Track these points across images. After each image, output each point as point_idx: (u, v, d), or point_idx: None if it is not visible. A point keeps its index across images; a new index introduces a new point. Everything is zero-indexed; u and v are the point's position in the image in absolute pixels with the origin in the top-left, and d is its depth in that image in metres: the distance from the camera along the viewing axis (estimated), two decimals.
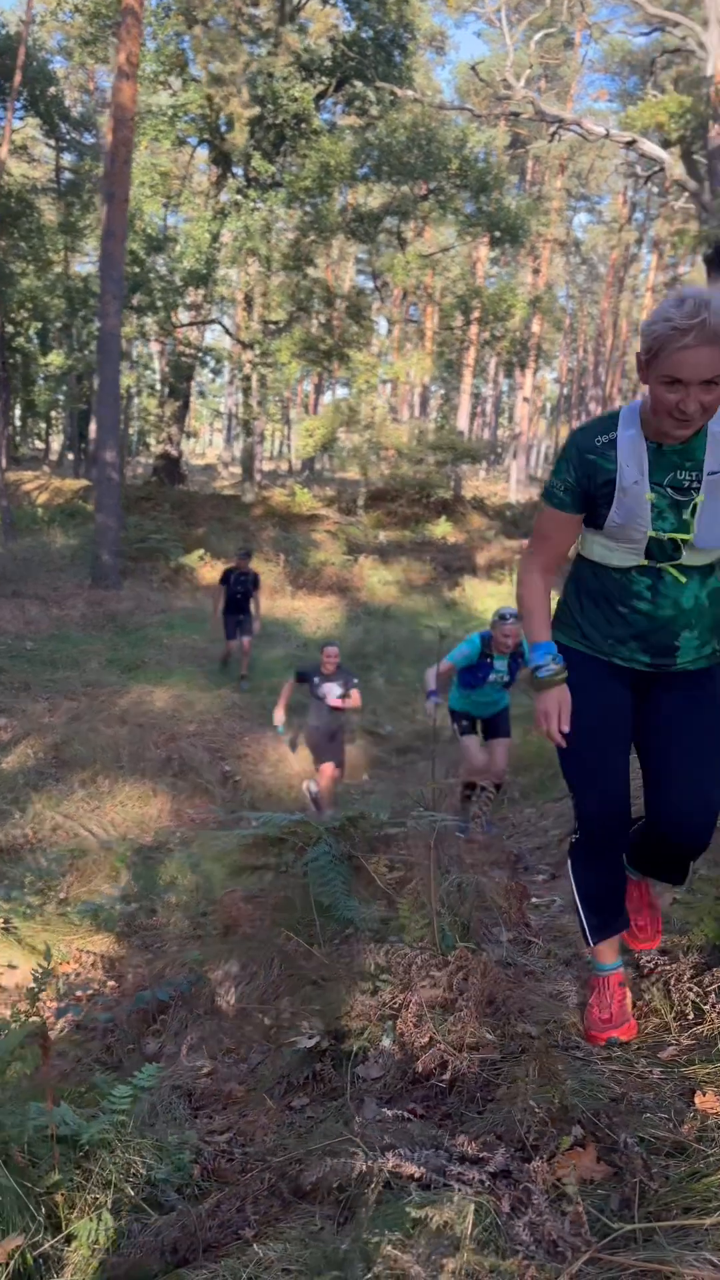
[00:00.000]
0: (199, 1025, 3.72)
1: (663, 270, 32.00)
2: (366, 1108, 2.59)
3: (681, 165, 18.49)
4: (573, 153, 29.70)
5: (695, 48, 18.58)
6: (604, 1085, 2.23)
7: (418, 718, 10.49)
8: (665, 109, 17.68)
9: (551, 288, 30.54)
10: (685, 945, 2.81)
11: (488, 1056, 2.57)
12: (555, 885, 4.11)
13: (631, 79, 27.62)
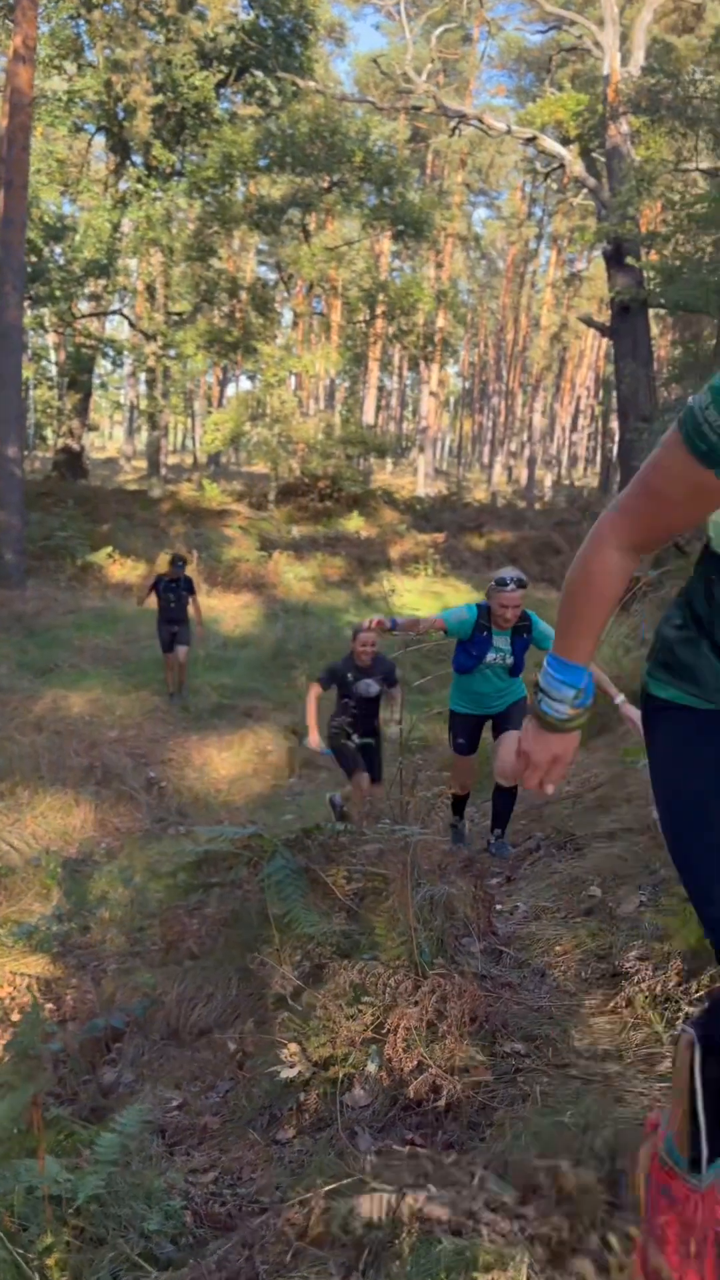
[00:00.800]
0: (158, 1052, 3.59)
1: (562, 266, 32.63)
2: (360, 1139, 2.52)
3: (580, 162, 18.83)
4: (472, 148, 29.98)
5: (591, 46, 18.92)
6: (607, 1107, 2.22)
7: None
8: (564, 106, 17.96)
9: (455, 282, 30.81)
10: (665, 952, 2.83)
11: (480, 1079, 2.54)
12: (513, 888, 4.12)
13: (529, 76, 28.04)
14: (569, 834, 4.39)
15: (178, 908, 4.27)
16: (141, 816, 7.81)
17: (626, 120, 16.63)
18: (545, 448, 37.05)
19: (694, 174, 15.92)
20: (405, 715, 4.31)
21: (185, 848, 4.85)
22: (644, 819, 4.19)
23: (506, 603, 4.56)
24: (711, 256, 13.78)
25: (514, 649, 4.77)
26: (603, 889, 3.61)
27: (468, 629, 4.73)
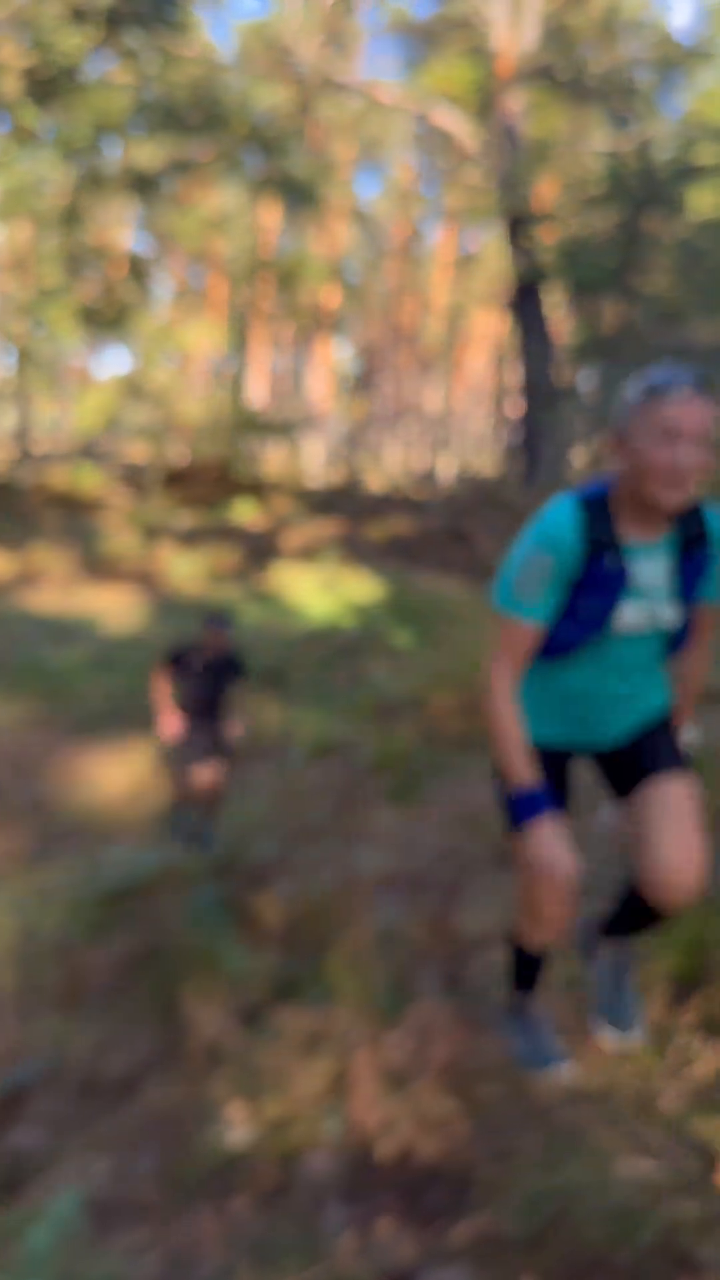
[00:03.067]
0: (76, 1111, 3.20)
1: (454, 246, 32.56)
2: (329, 1211, 2.22)
3: (471, 138, 18.65)
4: (360, 120, 29.55)
5: (480, 21, 18.73)
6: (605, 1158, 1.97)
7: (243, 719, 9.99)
8: (455, 80, 17.76)
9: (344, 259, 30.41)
10: (648, 976, 2.60)
11: (459, 1132, 2.27)
12: (458, 909, 3.85)
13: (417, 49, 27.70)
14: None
15: (81, 943, 3.86)
16: (26, 838, 7.25)
17: (519, 95, 16.51)
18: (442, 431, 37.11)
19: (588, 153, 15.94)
20: None
21: (85, 874, 4.41)
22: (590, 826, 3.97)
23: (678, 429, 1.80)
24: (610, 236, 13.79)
25: (684, 579, 1.99)
26: None
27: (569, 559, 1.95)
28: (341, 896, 2.94)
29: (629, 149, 12.80)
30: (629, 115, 12.63)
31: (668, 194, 12.14)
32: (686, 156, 12.49)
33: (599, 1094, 2.31)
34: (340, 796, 5.94)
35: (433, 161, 29.73)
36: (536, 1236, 1.82)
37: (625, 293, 12.38)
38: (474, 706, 6.55)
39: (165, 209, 24.64)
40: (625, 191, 12.34)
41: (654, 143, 12.48)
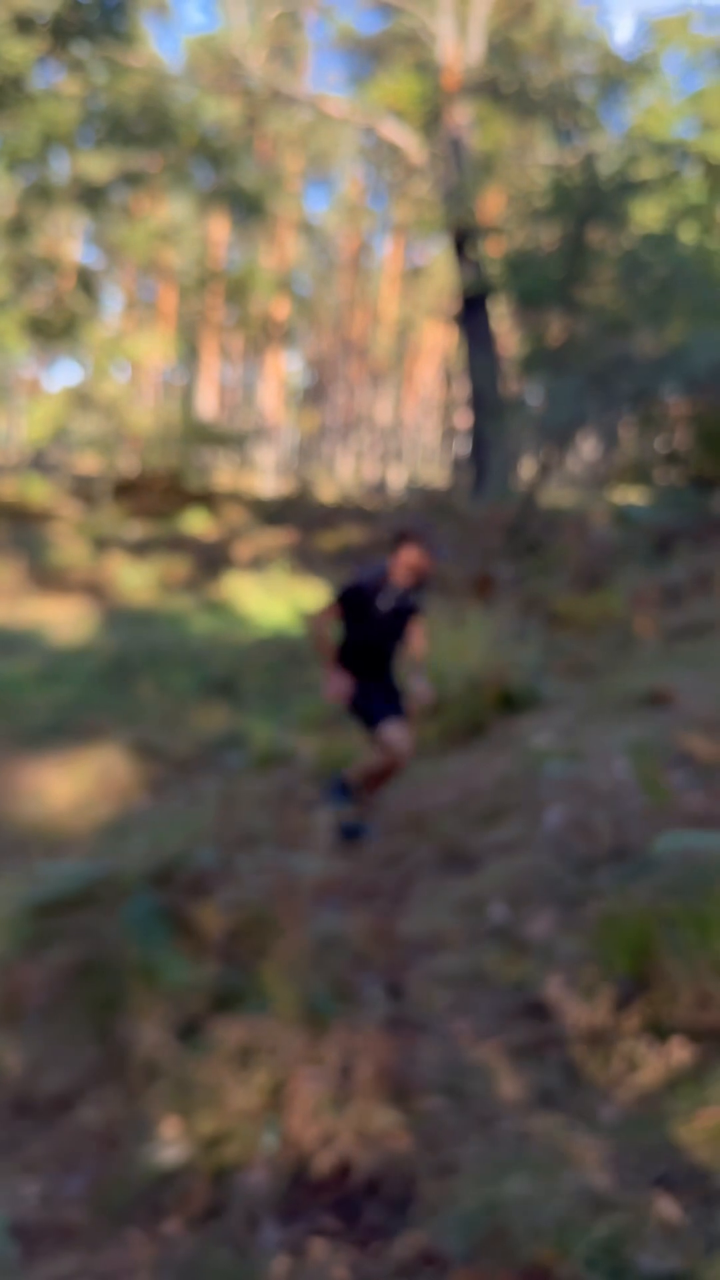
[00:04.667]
0: (6, 1130, 3.07)
1: (402, 258, 32.74)
2: (263, 1230, 2.14)
3: (419, 151, 18.76)
4: (308, 133, 29.64)
5: (426, 36, 18.89)
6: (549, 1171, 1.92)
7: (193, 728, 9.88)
8: (402, 93, 17.86)
9: (293, 271, 30.41)
10: (593, 978, 2.56)
11: (399, 1145, 2.20)
12: (404, 914, 3.79)
13: (364, 64, 27.86)
14: (458, 848, 4.09)
15: (16, 958, 3.72)
16: None
17: (465, 109, 16.64)
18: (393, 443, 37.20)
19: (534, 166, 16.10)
20: None
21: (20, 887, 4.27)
22: (538, 827, 3.95)
23: None
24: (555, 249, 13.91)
25: None
26: (506, 909, 3.33)
27: None
28: (282, 904, 2.86)
29: (573, 163, 12.94)
30: (573, 129, 12.76)
31: (611, 207, 12.29)
32: (629, 170, 12.66)
33: (542, 1103, 2.26)
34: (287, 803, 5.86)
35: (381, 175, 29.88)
36: (475, 1252, 1.76)
37: (570, 305, 12.50)
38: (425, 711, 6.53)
39: (114, 220, 24.44)
40: (569, 205, 12.47)
41: (598, 157, 12.62)
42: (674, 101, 20.59)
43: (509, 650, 6.80)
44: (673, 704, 4.85)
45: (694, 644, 6.22)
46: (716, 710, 4.46)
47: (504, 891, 3.43)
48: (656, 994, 2.39)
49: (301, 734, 7.86)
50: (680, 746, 3.54)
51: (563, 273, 12.61)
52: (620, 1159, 1.95)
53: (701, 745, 3.33)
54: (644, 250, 12.41)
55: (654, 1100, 2.12)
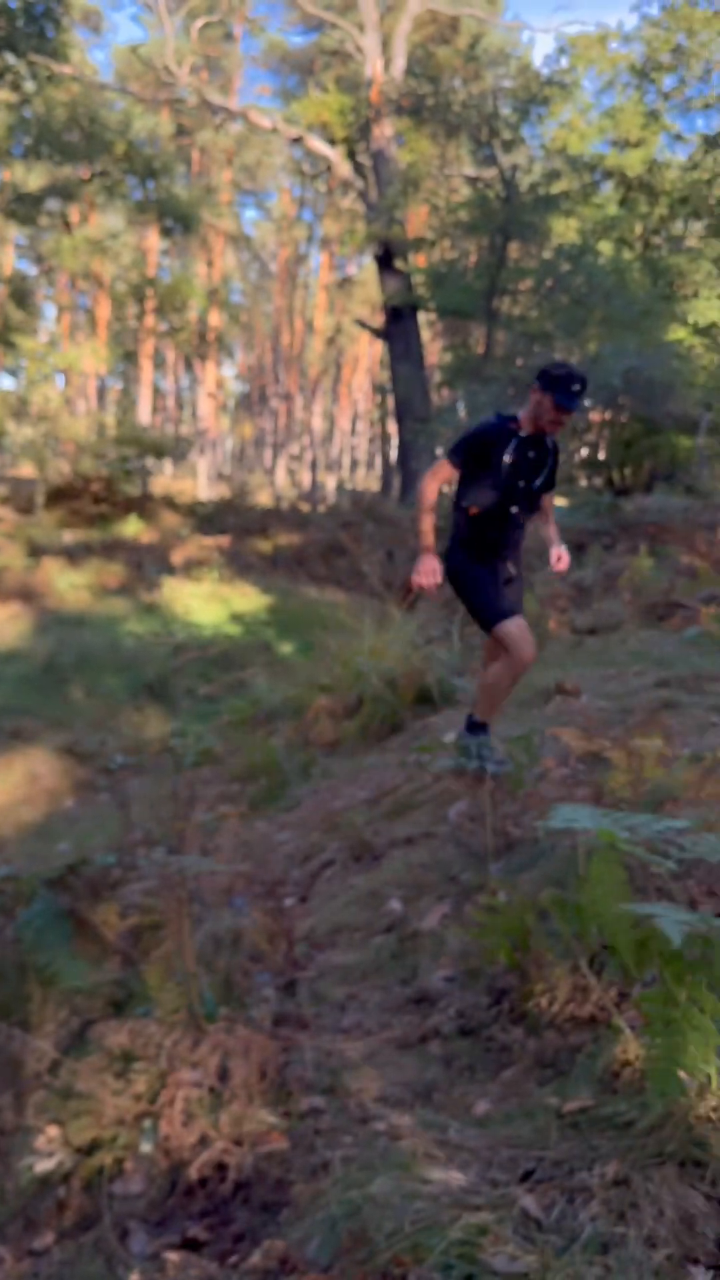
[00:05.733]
0: None
1: (333, 269, 32.90)
2: (134, 1238, 2.09)
3: (347, 164, 18.89)
4: (239, 146, 29.64)
5: (353, 51, 19.05)
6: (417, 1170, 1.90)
7: (125, 731, 9.80)
8: (329, 108, 17.97)
9: (227, 281, 30.36)
10: (474, 970, 2.57)
11: (275, 1147, 2.17)
12: (307, 909, 3.78)
13: (293, 77, 28.01)
14: (366, 844, 4.10)
15: None
16: None
17: (390, 123, 16.81)
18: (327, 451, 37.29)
19: (458, 179, 16.31)
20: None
21: None
22: (443, 822, 3.97)
23: None
24: (475, 262, 14.12)
25: None
26: (403, 903, 3.34)
27: None
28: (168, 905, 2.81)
29: (493, 178, 13.13)
30: (493, 145, 12.97)
31: (530, 222, 12.49)
32: (548, 186, 12.90)
33: (421, 1098, 2.25)
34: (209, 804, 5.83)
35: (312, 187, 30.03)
36: (335, 1257, 1.74)
37: (491, 317, 12.67)
38: (348, 710, 6.56)
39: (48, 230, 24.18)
40: (490, 219, 12.64)
41: (518, 172, 12.83)
42: (591, 118, 21.05)
43: (429, 649, 6.86)
44: (576, 697, 4.93)
45: (602, 640, 6.34)
46: (612, 702, 4.54)
47: (403, 886, 3.44)
48: (534, 985, 2.40)
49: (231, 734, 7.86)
50: (567, 739, 3.59)
51: (484, 285, 12.77)
52: (490, 1154, 1.94)
53: (583, 738, 3.38)
54: (561, 263, 12.63)
55: (527, 1092, 2.12)
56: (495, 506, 3.84)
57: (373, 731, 6.24)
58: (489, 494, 3.82)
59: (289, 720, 7.25)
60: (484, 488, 3.82)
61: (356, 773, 5.42)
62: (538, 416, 3.70)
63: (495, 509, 3.85)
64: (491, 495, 3.82)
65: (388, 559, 14.73)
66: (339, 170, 18.41)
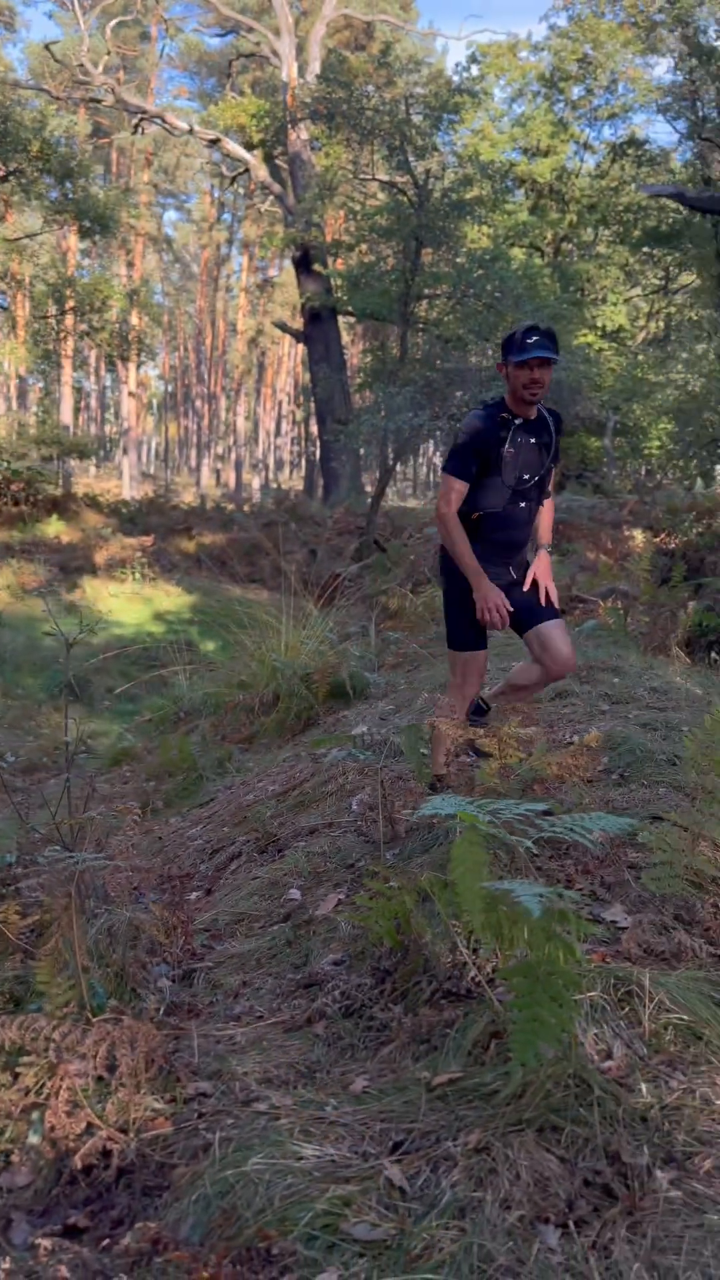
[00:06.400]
0: None
1: (254, 272, 32.84)
2: (16, 1228, 2.11)
3: (264, 168, 18.92)
4: (158, 147, 29.39)
5: (269, 54, 19.08)
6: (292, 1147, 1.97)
7: (43, 731, 9.67)
8: (245, 110, 17.96)
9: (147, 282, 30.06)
10: (360, 952, 2.65)
11: (159, 1132, 2.21)
12: (212, 901, 3.82)
13: (210, 80, 27.89)
14: (272, 836, 4.16)
15: None
16: None
17: (306, 128, 16.88)
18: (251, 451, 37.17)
19: (373, 184, 16.47)
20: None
21: None
22: (346, 812, 4.05)
23: None
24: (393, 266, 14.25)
25: None
26: (302, 891, 3.41)
27: None
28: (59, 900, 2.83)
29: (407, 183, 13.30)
30: (406, 151, 13.14)
31: (443, 227, 12.69)
32: (460, 192, 13.11)
33: (303, 1078, 2.31)
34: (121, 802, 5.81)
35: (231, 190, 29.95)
36: (207, 1235, 1.79)
37: (406, 321, 12.84)
38: (264, 706, 6.60)
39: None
40: (405, 224, 12.81)
41: (431, 178, 13.02)
42: (502, 126, 21.44)
43: (344, 646, 6.96)
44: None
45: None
46: None
47: (303, 875, 3.51)
48: (415, 964, 2.48)
49: (151, 732, 7.84)
50: (442, 729, 3.70)
51: (400, 289, 12.93)
52: (364, 1128, 2.01)
53: (457, 728, 3.49)
54: (474, 269, 12.86)
55: (402, 1068, 2.20)
56: (504, 508, 3.55)
57: (288, 726, 6.31)
58: (496, 496, 3.53)
59: (208, 717, 7.28)
60: (489, 491, 3.51)
61: (270, 767, 5.47)
62: (515, 390, 3.42)
63: (504, 510, 3.55)
64: (499, 497, 3.53)
65: (311, 557, 14.79)
66: (257, 173, 18.43)
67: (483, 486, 3.50)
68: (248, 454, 36.29)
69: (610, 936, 2.57)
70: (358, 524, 13.86)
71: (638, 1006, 2.16)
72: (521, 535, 3.66)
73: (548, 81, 20.79)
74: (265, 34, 18.88)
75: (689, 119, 19.58)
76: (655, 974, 2.26)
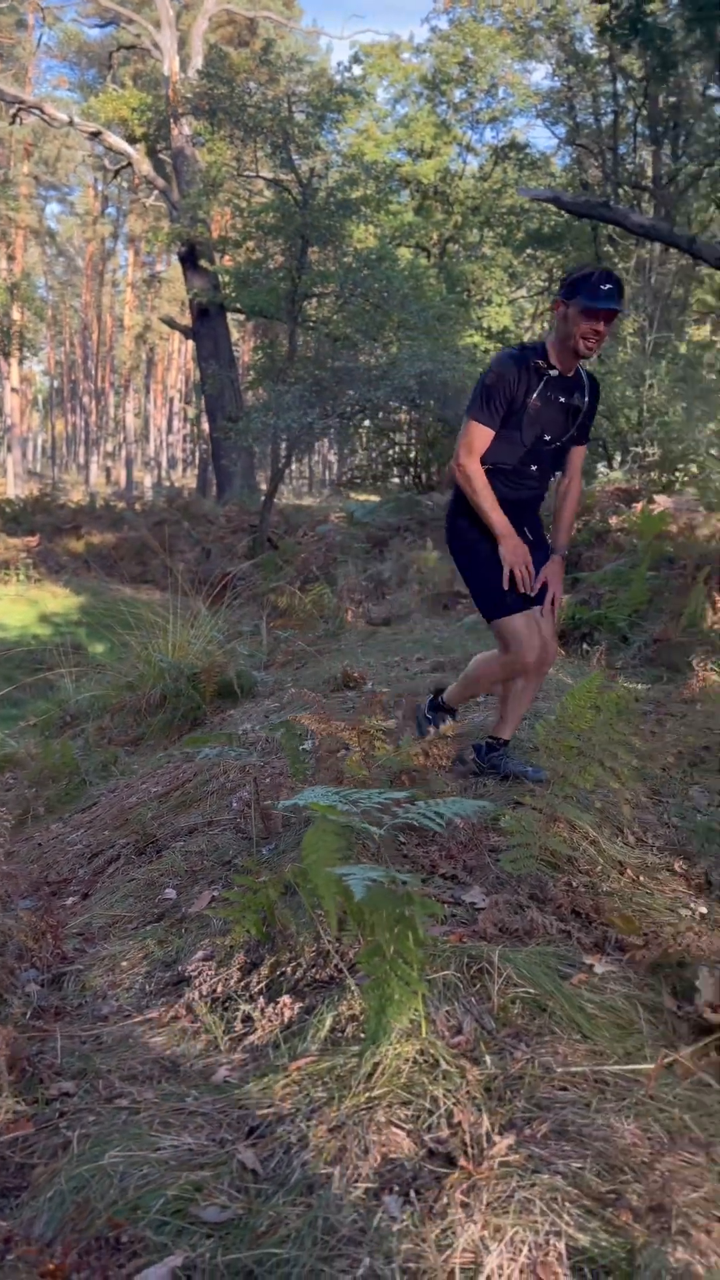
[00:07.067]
0: None
1: (140, 266, 32.33)
2: None
3: (148, 162, 18.67)
4: (38, 139, 28.64)
5: (150, 47, 18.82)
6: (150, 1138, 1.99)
7: None
8: (127, 104, 17.68)
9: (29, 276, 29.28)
10: (228, 947, 2.68)
11: (20, 1134, 2.20)
12: (88, 905, 3.79)
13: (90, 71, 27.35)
14: (151, 837, 4.14)
15: None
16: None
17: (189, 123, 16.72)
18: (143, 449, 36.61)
19: (259, 181, 16.43)
20: None
21: None
22: (227, 810, 4.07)
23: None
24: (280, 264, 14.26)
25: None
26: (178, 890, 3.42)
27: None
28: None
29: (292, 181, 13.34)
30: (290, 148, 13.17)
31: (329, 226, 12.77)
32: (345, 191, 13.21)
33: (167, 1072, 2.33)
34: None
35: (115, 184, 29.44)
36: (60, 1228, 1.80)
37: (294, 319, 12.89)
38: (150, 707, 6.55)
39: None
40: (290, 222, 12.84)
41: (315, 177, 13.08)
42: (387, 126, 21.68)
43: (231, 645, 6.97)
44: (362, 685, 5.14)
45: (393, 630, 6.61)
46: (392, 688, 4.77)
47: (179, 874, 3.52)
48: (281, 955, 2.53)
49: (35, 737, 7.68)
50: (306, 723, 3.76)
51: (288, 287, 12.96)
52: (222, 1116, 2.05)
53: (321, 722, 3.56)
54: (360, 269, 12.97)
55: (264, 1056, 2.24)
56: (514, 465, 3.19)
57: (175, 727, 6.28)
58: (509, 451, 3.16)
59: (94, 720, 7.18)
60: (502, 443, 3.15)
61: (155, 769, 5.44)
62: (567, 337, 3.00)
63: (514, 468, 3.20)
64: (512, 453, 3.16)
65: (204, 556, 14.69)
66: (140, 168, 18.17)
67: (497, 437, 3.13)
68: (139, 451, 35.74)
69: (469, 918, 2.67)
70: (251, 522, 13.84)
71: (488, 983, 2.26)
72: (531, 496, 3.30)
73: (430, 84, 21.10)
74: (146, 26, 18.61)
75: (567, 124, 20.15)
76: (506, 951, 2.36)
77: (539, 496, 3.35)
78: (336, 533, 10.77)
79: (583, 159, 20.90)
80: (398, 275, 13.15)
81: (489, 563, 3.16)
